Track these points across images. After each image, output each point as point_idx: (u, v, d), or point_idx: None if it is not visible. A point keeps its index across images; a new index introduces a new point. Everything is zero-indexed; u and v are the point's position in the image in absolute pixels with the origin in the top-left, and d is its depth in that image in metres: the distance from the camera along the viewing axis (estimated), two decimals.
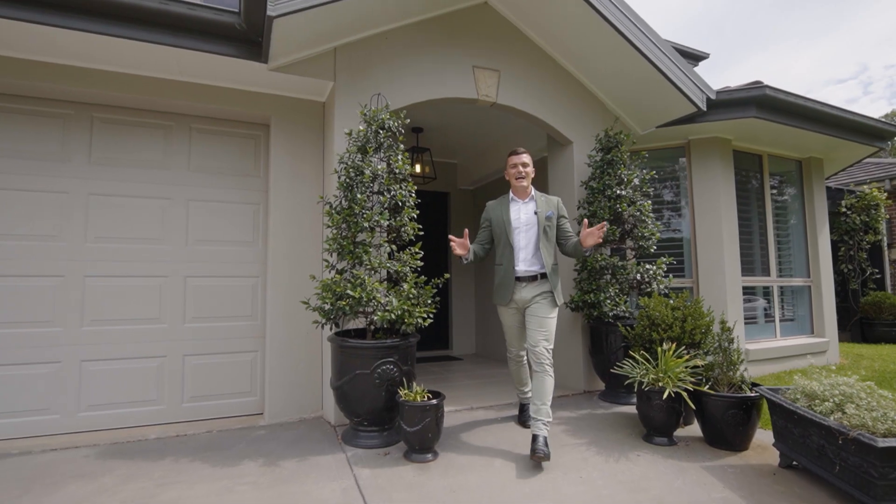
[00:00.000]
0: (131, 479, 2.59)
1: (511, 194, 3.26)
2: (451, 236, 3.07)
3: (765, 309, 5.54)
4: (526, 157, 3.21)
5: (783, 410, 2.60)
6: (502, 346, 6.07)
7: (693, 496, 2.37)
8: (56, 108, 3.47)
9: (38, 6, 2.79)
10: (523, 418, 3.39)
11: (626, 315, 4.04)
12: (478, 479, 2.56)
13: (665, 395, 2.86)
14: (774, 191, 5.81)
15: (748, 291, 5.34)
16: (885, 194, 9.05)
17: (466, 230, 3.14)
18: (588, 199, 4.28)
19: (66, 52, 3.19)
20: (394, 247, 3.20)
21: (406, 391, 2.85)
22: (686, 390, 2.91)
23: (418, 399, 2.79)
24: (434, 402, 2.77)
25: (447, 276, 3.41)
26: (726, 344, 3.11)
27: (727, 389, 3.01)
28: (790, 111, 4.66)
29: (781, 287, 5.65)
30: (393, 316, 2.88)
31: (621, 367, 3.25)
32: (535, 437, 2.76)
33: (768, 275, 5.53)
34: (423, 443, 2.76)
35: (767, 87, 4.41)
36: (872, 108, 52.54)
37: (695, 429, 3.25)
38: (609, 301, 3.95)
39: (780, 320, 5.62)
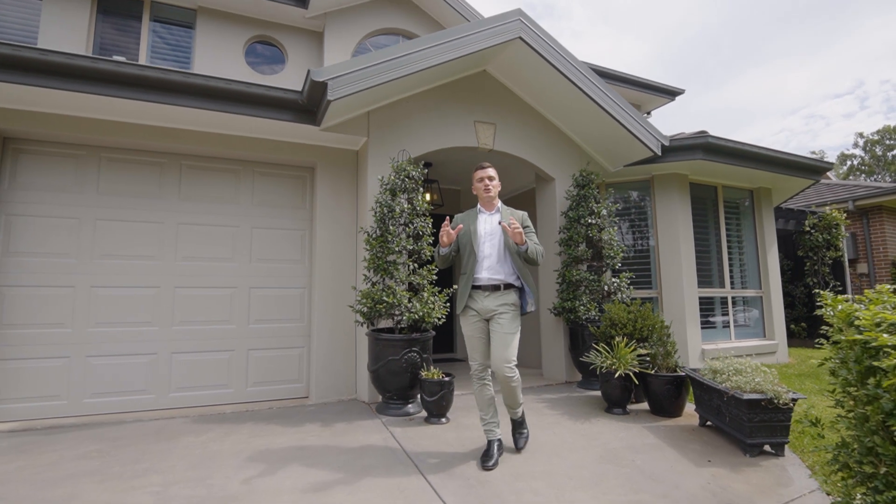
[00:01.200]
0: (227, 434, 3.58)
1: (479, 206, 3.36)
2: (446, 223, 3.09)
3: (723, 315, 6.55)
4: (491, 171, 3.30)
5: (697, 383, 3.61)
6: None
7: (630, 441, 3.37)
8: (155, 158, 4.53)
9: (164, 90, 3.86)
10: (491, 460, 2.91)
11: (596, 318, 5.05)
12: (479, 433, 3.54)
13: (617, 375, 3.87)
14: (729, 215, 6.86)
15: (707, 301, 6.36)
16: (845, 214, 10.10)
17: (461, 226, 3.19)
18: (566, 226, 5.33)
19: (168, 118, 4.25)
20: (415, 265, 4.23)
21: (426, 372, 3.86)
22: (634, 372, 3.91)
23: (435, 377, 3.80)
24: (447, 379, 3.78)
25: (455, 287, 4.44)
26: (665, 338, 4.13)
27: (665, 372, 4.01)
28: (730, 153, 5.74)
29: (734, 297, 6.67)
30: (416, 316, 3.90)
31: (588, 357, 4.26)
32: (514, 423, 3.29)
33: (723, 287, 6.55)
34: (439, 409, 3.76)
35: (710, 135, 5.49)
36: (869, 122, 53.93)
37: (645, 405, 4.24)
38: (583, 307, 4.97)
39: (735, 325, 6.63)
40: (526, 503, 2.47)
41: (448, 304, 4.21)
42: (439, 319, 4.03)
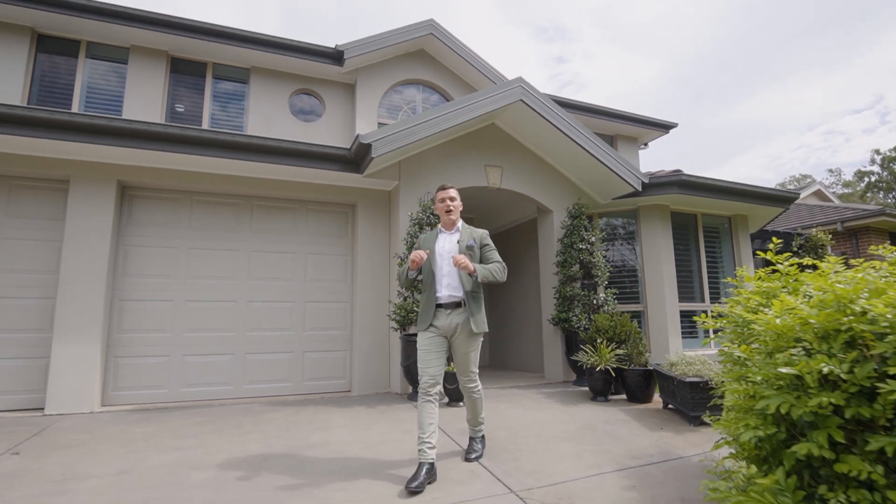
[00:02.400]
0: (297, 412, 4.68)
1: (439, 227, 3.42)
2: (417, 252, 3.11)
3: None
4: (453, 192, 3.35)
5: (660, 374, 4.63)
6: (515, 358, 8.13)
7: (605, 417, 4.39)
8: (233, 200, 5.75)
9: (249, 151, 5.09)
10: (416, 482, 2.70)
11: (587, 327, 6.08)
12: (491, 412, 4.58)
13: (598, 370, 4.90)
14: (710, 238, 7.85)
15: (689, 313, 7.33)
16: (831, 235, 10.96)
17: (428, 251, 3.19)
18: (562, 251, 6.42)
19: (246, 170, 5.47)
20: None
21: (447, 367, 4.93)
22: (613, 367, 4.94)
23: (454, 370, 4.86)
24: None
25: None
26: (637, 341, 5.16)
27: (637, 367, 5.03)
28: (702, 188, 6.79)
29: (711, 310, 7.62)
30: None
31: (577, 357, 5.30)
32: (470, 440, 3.47)
33: (703, 301, 7.53)
34: (458, 395, 4.83)
35: (683, 174, 6.56)
36: (891, 137, 53.10)
37: (623, 395, 5.25)
38: (575, 317, 6.01)
39: (714, 334, 7.56)
40: (522, 450, 3.52)
41: None
42: None
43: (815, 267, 2.13)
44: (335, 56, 8.44)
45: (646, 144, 12.43)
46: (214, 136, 4.98)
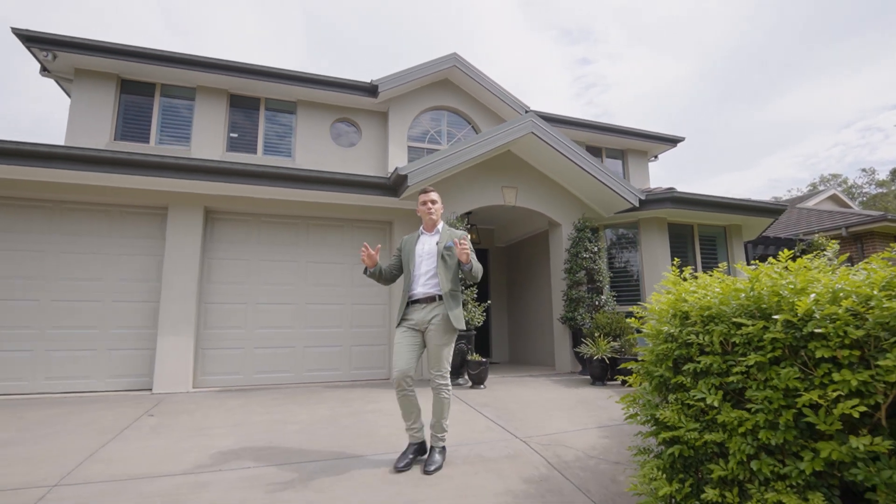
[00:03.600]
0: (350, 391, 5.82)
1: (421, 228, 3.56)
2: (365, 245, 3.38)
3: None
4: (434, 196, 3.48)
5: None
6: (530, 354, 9.15)
7: (598, 396, 5.39)
8: (292, 220, 6.96)
9: (310, 182, 6.28)
10: (403, 461, 3.12)
11: (589, 324, 7.07)
12: (505, 391, 5.65)
13: (596, 359, 5.90)
14: (707, 246, 8.73)
15: None
16: (838, 241, 11.58)
17: (379, 246, 3.52)
18: (569, 259, 7.43)
19: (302, 196, 6.65)
20: (463, 286, 6.41)
21: (471, 356, 6.01)
22: (608, 357, 5.93)
23: (477, 359, 5.94)
24: (484, 360, 5.92)
25: (489, 301, 6.60)
26: (630, 335, 6.14)
27: (629, 356, 6.01)
28: (694, 203, 7.71)
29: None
30: (465, 318, 6.06)
31: (579, 349, 6.30)
32: (430, 449, 3.20)
33: None
34: (479, 379, 5.89)
35: (676, 191, 7.50)
36: None
37: (618, 382, 6.22)
38: (580, 316, 7.01)
39: None
40: (528, 415, 4.56)
41: (485, 312, 6.37)
42: (479, 321, 6.20)
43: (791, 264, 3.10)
44: (370, 89, 9.64)
45: (656, 157, 13.29)
46: (277, 171, 6.19)
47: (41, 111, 62.93)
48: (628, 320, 3.15)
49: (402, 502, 2.71)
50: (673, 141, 12.62)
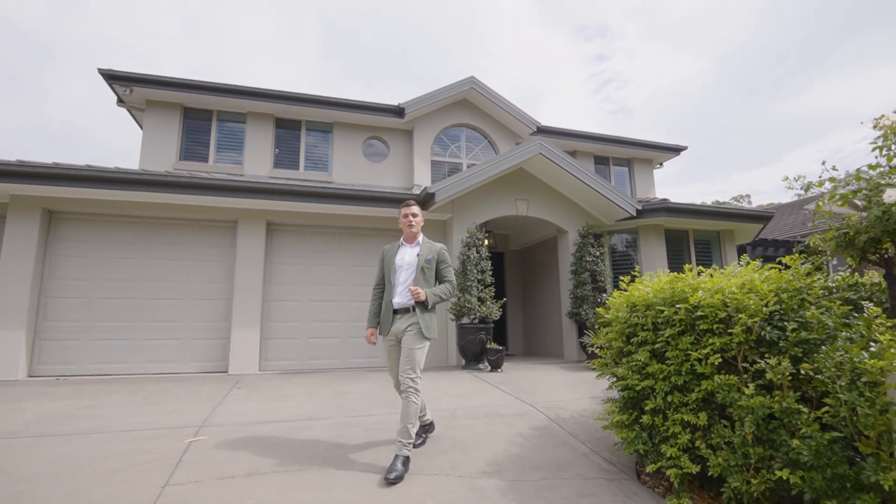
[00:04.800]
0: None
1: (402, 239, 3.70)
2: (369, 335, 3.61)
3: None
4: (415, 209, 3.62)
5: None
6: (542, 346, 10.26)
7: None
8: (337, 230, 8.20)
9: (357, 200, 7.50)
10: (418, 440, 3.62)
11: (592, 318, 8.15)
12: (519, 374, 6.79)
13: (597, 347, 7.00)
14: (702, 249, 9.72)
15: None
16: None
17: (371, 329, 3.63)
18: (574, 262, 8.53)
19: (343, 210, 7.88)
20: (481, 286, 7.57)
21: (490, 344, 7.17)
22: None
23: (495, 347, 7.10)
24: (501, 348, 7.07)
25: (504, 299, 7.74)
26: None
27: None
28: (686, 211, 8.73)
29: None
30: (483, 314, 7.23)
31: (583, 340, 7.41)
32: (395, 457, 3.14)
33: None
34: (496, 364, 7.05)
35: (669, 201, 8.55)
36: None
37: None
38: (584, 312, 8.11)
39: None
40: (537, 390, 5.70)
41: (501, 308, 7.52)
42: (496, 316, 7.35)
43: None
44: (397, 111, 10.85)
45: (661, 164, 14.24)
46: (325, 189, 7.44)
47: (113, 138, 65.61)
48: (598, 310, 4.23)
49: (445, 437, 3.89)
50: (676, 150, 13.57)
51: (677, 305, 3.01)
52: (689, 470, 2.78)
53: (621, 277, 3.98)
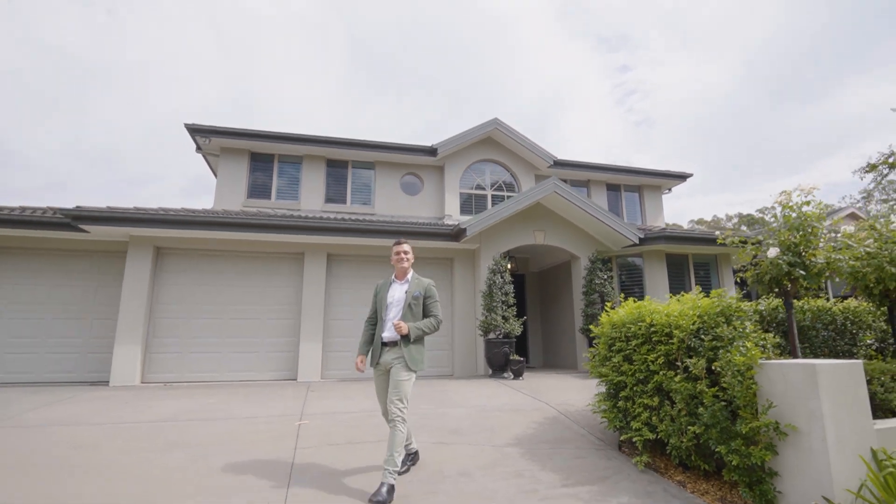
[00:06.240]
0: (428, 384, 8.45)
1: (393, 276, 3.88)
2: (359, 361, 3.84)
3: None
4: (406, 247, 3.81)
5: None
6: (558, 359, 11.56)
7: None
8: (380, 259, 9.73)
9: (389, 234, 9.04)
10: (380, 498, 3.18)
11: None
12: (537, 381, 8.13)
13: None
14: (701, 271, 10.92)
15: None
16: None
17: (361, 357, 3.90)
18: (585, 284, 9.86)
19: (381, 245, 9.41)
20: (505, 306, 8.97)
21: (513, 356, 8.54)
22: None
23: (517, 358, 8.47)
24: (522, 359, 8.44)
25: (525, 317, 9.11)
26: None
27: None
28: (682, 239, 9.98)
29: None
30: (507, 330, 8.61)
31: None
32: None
33: None
34: (518, 374, 8.41)
35: (667, 230, 9.84)
36: None
37: None
38: (593, 328, 9.40)
39: None
40: (550, 392, 7.04)
41: (523, 325, 8.89)
42: (518, 332, 8.73)
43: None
44: (431, 151, 12.44)
45: (669, 190, 15.45)
46: (374, 225, 9.00)
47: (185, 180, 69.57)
48: (590, 326, 5.58)
49: (479, 425, 5.31)
50: (682, 177, 14.79)
51: (640, 323, 4.38)
52: (648, 437, 4.13)
53: (626, 297, 5.33)
